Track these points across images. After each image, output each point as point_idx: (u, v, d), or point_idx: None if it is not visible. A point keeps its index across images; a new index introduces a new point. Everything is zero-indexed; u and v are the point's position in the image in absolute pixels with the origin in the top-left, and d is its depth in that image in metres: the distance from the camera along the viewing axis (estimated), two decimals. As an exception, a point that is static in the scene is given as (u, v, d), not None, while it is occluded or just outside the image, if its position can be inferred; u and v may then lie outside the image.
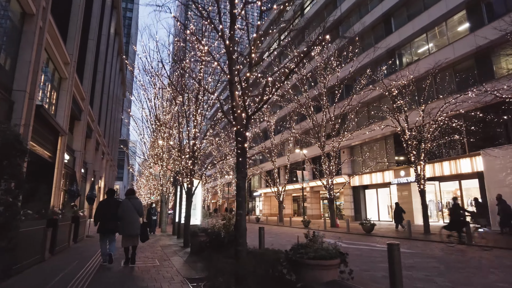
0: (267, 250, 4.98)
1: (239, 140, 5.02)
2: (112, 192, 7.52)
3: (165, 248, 9.47)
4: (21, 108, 11.61)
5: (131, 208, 6.86)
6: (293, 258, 3.86)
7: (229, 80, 5.14)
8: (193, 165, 10.01)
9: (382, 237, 13.88)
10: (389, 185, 23.95)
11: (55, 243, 7.31)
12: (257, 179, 47.46)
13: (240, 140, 5.03)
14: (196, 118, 10.22)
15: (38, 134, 13.84)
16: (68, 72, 17.88)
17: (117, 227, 6.90)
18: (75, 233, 9.99)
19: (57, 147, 16.58)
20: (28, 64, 12.16)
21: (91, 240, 11.80)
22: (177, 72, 11.33)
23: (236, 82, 5.14)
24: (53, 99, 17.31)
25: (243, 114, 5.05)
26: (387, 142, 24.39)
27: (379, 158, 24.04)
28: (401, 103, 15.38)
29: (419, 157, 15.08)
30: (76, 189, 10.29)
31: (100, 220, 6.91)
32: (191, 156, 10.01)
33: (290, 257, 3.96)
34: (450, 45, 19.11)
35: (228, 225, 6.44)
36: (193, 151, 10.04)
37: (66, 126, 17.58)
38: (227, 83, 7.45)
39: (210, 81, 10.47)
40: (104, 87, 35.58)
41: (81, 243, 10.48)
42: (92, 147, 29.19)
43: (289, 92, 22.65)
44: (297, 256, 3.79)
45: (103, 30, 31.52)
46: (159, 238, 12.66)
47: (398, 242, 5.10)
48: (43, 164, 15.45)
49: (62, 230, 7.96)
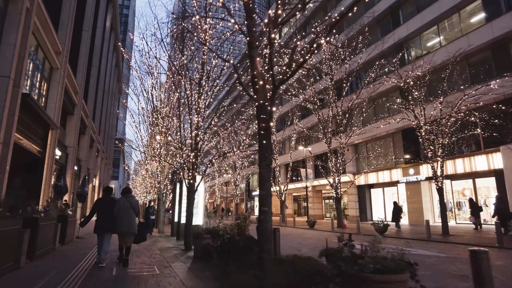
0: (296, 257, 3.91)
1: (262, 117, 3.96)
2: (109, 190, 7.21)
3: (164, 252, 8.37)
4: (4, 96, 10.46)
5: (128, 207, 6.63)
6: (347, 271, 2.79)
7: (248, 43, 4.07)
8: (196, 158, 8.92)
9: (398, 239, 12.87)
10: (397, 184, 22.98)
11: (34, 246, 6.18)
12: (256, 178, 46.41)
13: (264, 117, 3.96)
14: (199, 106, 9.12)
15: (25, 126, 12.68)
16: (60, 62, 16.72)
17: (112, 226, 6.63)
18: (62, 234, 8.85)
19: (47, 142, 15.45)
20: (13, 47, 11.02)
21: (81, 242, 10.65)
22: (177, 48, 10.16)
23: (257, 46, 4.08)
24: (43, 90, 16.14)
25: (267, 85, 3.97)
26: (395, 139, 23.40)
27: (386, 156, 23.06)
28: (417, 95, 14.36)
29: (436, 153, 14.06)
30: (64, 184, 9.16)
31: (96, 219, 6.65)
32: (194, 148, 8.92)
33: (342, 269, 2.89)
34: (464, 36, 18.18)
35: (243, 225, 5.33)
36: (196, 143, 8.95)
37: (57, 120, 16.41)
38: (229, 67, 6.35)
39: (215, 64, 9.35)
40: (99, 82, 34.36)
41: (70, 245, 9.35)
42: (86, 144, 27.96)
43: (294, 86, 21.60)
44: (355, 269, 2.73)
45: (98, 23, 30.32)
46: (156, 240, 11.55)
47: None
48: (31, 159, 14.29)
49: (44, 231, 6.82)
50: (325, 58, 19.92)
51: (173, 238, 12.19)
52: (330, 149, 19.76)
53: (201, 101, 9.18)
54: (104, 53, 35.56)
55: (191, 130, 8.94)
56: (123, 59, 60.87)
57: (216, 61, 9.06)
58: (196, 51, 9.57)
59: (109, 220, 6.58)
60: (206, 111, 9.40)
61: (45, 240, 7.01)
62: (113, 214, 6.58)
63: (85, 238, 11.65)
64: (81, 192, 11.74)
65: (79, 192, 11.80)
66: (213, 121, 9.19)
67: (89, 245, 9.73)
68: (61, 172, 9.55)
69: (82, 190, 11.76)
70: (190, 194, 8.79)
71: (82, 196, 11.77)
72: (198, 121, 9.12)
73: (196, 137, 9.01)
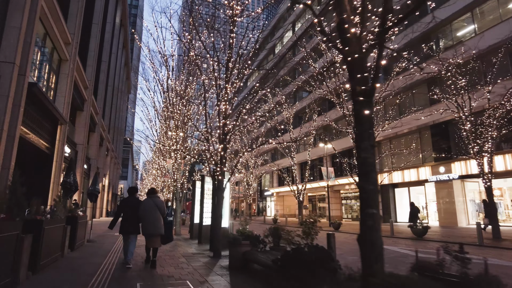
0: (408, 278, 2.63)
1: (359, 77, 2.71)
2: (134, 191, 7.05)
3: (190, 260, 7.15)
4: (8, 84, 9.42)
5: (153, 207, 6.45)
6: None
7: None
8: (224, 151, 7.69)
9: (445, 243, 11.47)
10: (424, 183, 21.48)
11: (38, 255, 5.01)
12: (268, 178, 45.11)
13: (361, 77, 2.72)
14: (227, 91, 7.91)
15: (32, 120, 11.64)
16: (69, 54, 15.73)
17: (138, 227, 6.54)
18: (72, 238, 7.70)
19: (56, 137, 14.46)
20: (17, 31, 9.97)
21: (93, 246, 9.51)
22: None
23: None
24: (51, 83, 15.15)
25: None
26: (422, 135, 21.88)
27: (413, 154, 21.55)
28: (460, 84, 12.89)
29: (482, 147, 12.57)
30: (74, 180, 8.03)
31: (122, 220, 6.54)
32: (222, 140, 7.69)
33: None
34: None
35: (311, 232, 4.03)
36: (224, 133, 7.73)
37: (66, 114, 15.43)
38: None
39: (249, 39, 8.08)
40: (109, 79, 33.55)
41: (80, 251, 8.20)
42: (96, 142, 27.07)
43: (316, 77, 20.24)
44: None
45: (108, 17, 29.47)
46: (175, 243, 10.35)
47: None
48: (39, 155, 13.28)
49: (50, 236, 5.66)
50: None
51: (194, 241, 10.98)
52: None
53: (229, 86, 7.97)
54: (113, 49, 34.74)
55: (219, 119, 7.71)
56: (133, 51, 60.26)
57: (252, 36, 7.83)
58: (223, 28, 8.35)
59: (134, 221, 6.45)
60: (235, 97, 8.17)
61: (51, 247, 5.85)
62: (139, 215, 6.44)
63: (96, 242, 10.54)
64: (92, 190, 10.61)
65: (90, 190, 10.67)
66: (243, 109, 7.95)
67: (102, 250, 8.59)
68: (70, 167, 8.41)
69: (94, 188, 10.62)
70: (218, 193, 7.55)
71: (94, 195, 10.64)
72: (226, 109, 7.89)
73: (224, 127, 7.79)
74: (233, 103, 8.08)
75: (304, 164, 31.09)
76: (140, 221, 6.44)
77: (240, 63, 8.08)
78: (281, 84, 30.82)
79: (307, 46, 22.30)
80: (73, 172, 8.20)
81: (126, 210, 6.50)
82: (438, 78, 19.49)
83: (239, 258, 5.73)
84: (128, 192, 7.10)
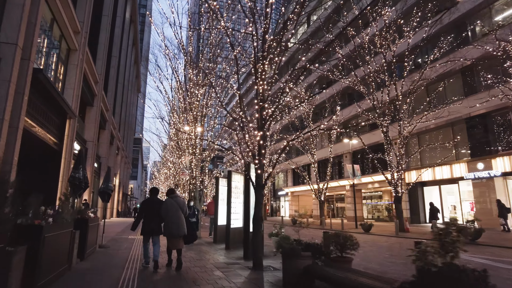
0: None
1: None
2: (156, 191, 6.91)
3: (227, 272, 5.80)
4: (10, 68, 8.27)
5: (176, 207, 6.30)
6: None
7: None
8: (264, 139, 6.33)
9: (507, 248, 9.93)
10: (458, 180, 19.78)
11: (38, 271, 3.69)
12: (282, 177, 43.69)
13: None
14: (264, 68, 6.54)
15: (38, 111, 10.46)
16: (78, 43, 14.61)
17: (161, 228, 6.42)
18: (82, 246, 6.42)
19: (65, 133, 13.35)
20: (21, 9, 8.80)
21: (106, 253, 8.25)
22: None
23: None
24: (59, 74, 14.03)
25: None
26: (455, 130, 20.16)
27: (444, 149, 19.87)
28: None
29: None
30: (83, 176, 6.76)
31: (144, 221, 6.42)
32: (261, 127, 6.34)
33: None
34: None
35: (454, 248, 2.62)
36: (263, 119, 6.37)
37: (75, 108, 14.30)
38: None
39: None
40: (119, 76, 32.62)
41: (92, 261, 6.92)
42: (106, 139, 26.02)
43: (343, 64, 18.72)
44: None
45: (118, 11, 28.49)
46: (200, 249, 9.04)
47: None
48: (46, 151, 12.16)
49: (54, 245, 4.36)
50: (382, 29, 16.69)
51: (219, 246, 9.62)
52: (387, 139, 16.78)
53: (266, 62, 6.60)
54: (123, 45, 33.79)
55: (257, 101, 6.35)
56: (142, 49, 59.49)
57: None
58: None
59: (157, 222, 6.35)
60: (275, 75, 6.79)
61: (55, 259, 4.54)
62: (161, 216, 6.33)
63: (110, 247, 9.28)
64: (105, 188, 9.28)
65: (103, 188, 9.35)
66: (286, 87, 6.56)
67: (117, 258, 7.33)
68: (79, 160, 7.15)
69: (106, 185, 9.31)
70: (257, 190, 6.18)
71: (106, 193, 9.32)
72: (263, 89, 6.53)
73: (263, 111, 6.43)
74: (272, 82, 6.71)
75: (324, 162, 29.56)
76: (162, 222, 6.36)
77: (283, 34, 6.68)
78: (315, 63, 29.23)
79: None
80: (82, 166, 6.91)
81: (148, 211, 6.40)
82: (475, 66, 17.86)
83: (298, 273, 4.36)
84: (149, 192, 7.00)
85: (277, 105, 6.34)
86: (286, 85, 6.48)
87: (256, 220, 6.02)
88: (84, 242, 6.50)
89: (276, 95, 6.74)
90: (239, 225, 9.24)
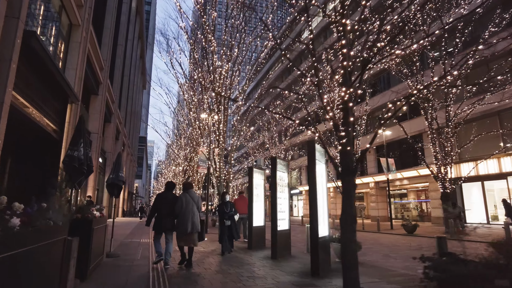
0: None
1: None
2: (172, 185, 6.51)
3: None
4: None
5: (191, 203, 6.06)
6: None
7: None
8: (350, 100, 4.29)
9: None
10: (507, 176, 17.60)
11: None
12: (295, 175, 41.63)
13: None
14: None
15: (31, 88, 8.47)
16: (81, 18, 12.69)
17: (174, 224, 6.14)
18: (83, 259, 4.32)
19: (65, 119, 11.45)
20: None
21: (117, 265, 6.23)
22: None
23: None
24: (59, 52, 12.11)
25: None
26: (503, 119, 17.95)
27: (486, 140, 17.65)
28: None
29: None
30: (85, 155, 4.71)
31: (156, 216, 6.13)
32: (347, 80, 4.29)
33: None
34: None
35: None
36: (349, 68, 4.32)
37: (78, 91, 12.39)
38: None
39: None
40: (125, 68, 30.77)
41: (98, 281, 4.87)
42: (112, 134, 24.10)
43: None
44: None
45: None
46: (236, 257, 7.00)
47: None
48: (43, 139, 10.23)
49: (40, 263, 2.38)
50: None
51: (258, 254, 7.56)
52: (431, 129, 14.63)
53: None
54: (129, 36, 31.96)
55: (341, 44, 4.29)
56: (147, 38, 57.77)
57: None
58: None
59: (172, 218, 6.11)
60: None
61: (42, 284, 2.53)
62: (175, 212, 6.07)
63: (120, 255, 7.27)
64: (115, 179, 7.12)
65: (112, 179, 7.17)
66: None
67: (134, 274, 5.32)
68: (80, 134, 5.11)
69: (117, 176, 7.19)
70: (346, 177, 4.08)
71: (116, 185, 7.23)
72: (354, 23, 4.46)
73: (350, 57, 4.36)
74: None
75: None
76: (175, 218, 6.12)
77: None
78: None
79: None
80: (83, 142, 4.87)
81: (162, 206, 6.14)
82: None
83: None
84: (165, 186, 6.58)
85: (374, 47, 4.25)
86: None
87: (347, 222, 3.93)
88: (87, 253, 4.47)
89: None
90: (286, 227, 7.22)
